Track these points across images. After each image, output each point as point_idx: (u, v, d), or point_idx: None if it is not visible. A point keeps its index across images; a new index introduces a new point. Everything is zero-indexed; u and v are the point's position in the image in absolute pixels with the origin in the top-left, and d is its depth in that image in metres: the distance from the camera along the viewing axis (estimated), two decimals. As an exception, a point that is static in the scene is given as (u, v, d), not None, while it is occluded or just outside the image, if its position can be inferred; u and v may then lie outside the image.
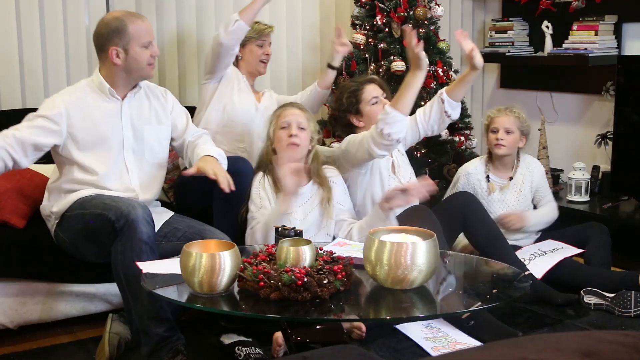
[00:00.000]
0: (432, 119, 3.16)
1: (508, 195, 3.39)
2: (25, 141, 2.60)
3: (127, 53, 2.69)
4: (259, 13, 3.33)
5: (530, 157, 3.53)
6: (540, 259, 3.19)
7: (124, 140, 2.77)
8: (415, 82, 2.85)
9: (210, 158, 2.77)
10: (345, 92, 3.19)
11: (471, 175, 3.41)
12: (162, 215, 2.85)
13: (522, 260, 3.13)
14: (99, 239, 2.57)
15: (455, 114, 3.17)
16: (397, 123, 2.82)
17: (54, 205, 2.73)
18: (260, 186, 2.92)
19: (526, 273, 2.43)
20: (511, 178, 3.42)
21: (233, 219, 2.93)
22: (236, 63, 3.49)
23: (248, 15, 3.25)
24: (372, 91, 3.15)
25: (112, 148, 2.74)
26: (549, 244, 3.32)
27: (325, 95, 3.64)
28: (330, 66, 3.59)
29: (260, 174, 2.96)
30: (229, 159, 3.00)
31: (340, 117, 3.22)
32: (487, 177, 3.40)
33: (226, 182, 2.65)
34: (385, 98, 3.16)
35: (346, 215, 2.99)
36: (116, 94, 2.76)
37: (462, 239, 3.20)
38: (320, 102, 3.67)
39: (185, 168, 3.11)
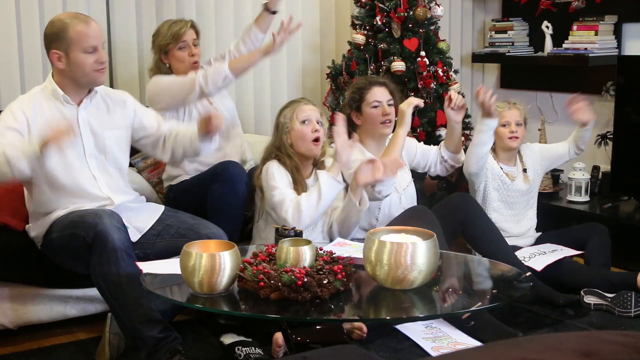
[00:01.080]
0: (438, 168, 3.38)
1: (522, 183, 3.41)
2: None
3: (69, 58, 2.58)
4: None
5: (525, 145, 3.55)
6: (540, 256, 3.19)
7: (85, 148, 2.68)
8: (401, 139, 3.07)
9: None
10: (352, 88, 3.21)
11: (488, 165, 3.41)
12: (154, 213, 2.82)
13: (522, 258, 3.13)
14: (79, 256, 2.55)
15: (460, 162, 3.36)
16: (389, 182, 2.91)
17: (34, 230, 2.72)
18: (282, 171, 2.85)
19: (527, 274, 2.42)
20: (525, 170, 3.45)
21: (227, 222, 2.92)
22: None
23: (239, 69, 3.07)
24: (377, 94, 3.10)
25: (74, 156, 2.65)
26: (548, 246, 3.32)
27: (262, 41, 3.33)
28: (267, 9, 3.30)
29: (276, 162, 2.87)
30: (222, 164, 2.99)
31: (344, 110, 3.22)
32: (500, 167, 3.41)
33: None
34: (389, 105, 3.12)
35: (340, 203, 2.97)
36: (71, 100, 2.67)
37: None
38: (255, 46, 3.31)
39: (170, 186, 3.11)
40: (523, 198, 3.41)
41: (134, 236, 2.69)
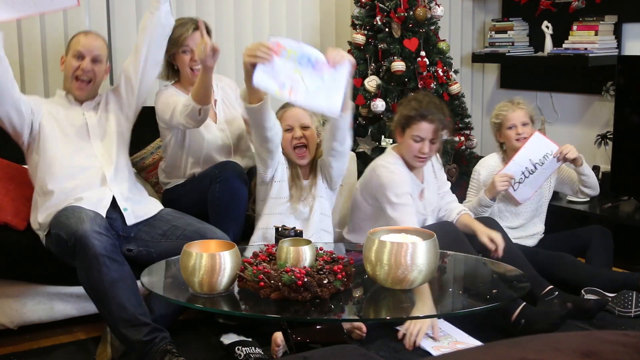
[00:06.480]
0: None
1: None
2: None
3: (65, 61, 2.90)
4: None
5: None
6: (524, 186, 3.29)
7: (89, 127, 2.85)
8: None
9: None
10: (406, 108, 3.01)
11: (494, 168, 3.39)
12: (155, 206, 2.88)
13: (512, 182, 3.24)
14: (68, 257, 2.58)
15: None
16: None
17: (34, 222, 2.76)
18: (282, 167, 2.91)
19: (551, 290, 2.43)
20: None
21: (229, 223, 2.90)
22: (178, 80, 3.16)
23: (197, 93, 2.78)
24: (424, 129, 2.95)
25: (78, 137, 2.83)
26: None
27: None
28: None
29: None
30: (220, 164, 2.98)
31: (393, 119, 3.14)
32: None
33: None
34: (432, 142, 2.96)
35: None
36: (73, 99, 2.91)
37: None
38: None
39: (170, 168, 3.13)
40: (530, 207, 3.38)
41: (130, 220, 2.75)
